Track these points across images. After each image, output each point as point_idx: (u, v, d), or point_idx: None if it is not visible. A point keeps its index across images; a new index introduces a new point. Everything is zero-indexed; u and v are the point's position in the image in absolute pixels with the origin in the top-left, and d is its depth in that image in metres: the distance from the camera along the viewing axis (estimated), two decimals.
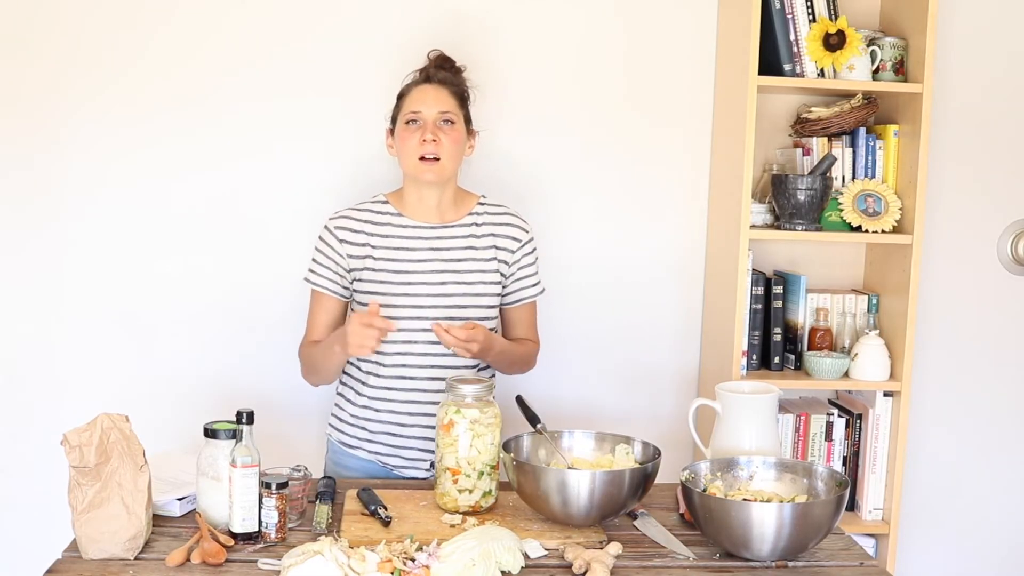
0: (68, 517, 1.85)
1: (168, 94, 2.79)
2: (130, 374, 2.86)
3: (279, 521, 1.91)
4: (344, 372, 2.46)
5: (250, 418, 1.91)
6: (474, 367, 2.40)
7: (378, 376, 2.38)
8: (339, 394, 2.49)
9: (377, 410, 2.40)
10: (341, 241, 2.38)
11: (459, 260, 2.39)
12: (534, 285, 2.49)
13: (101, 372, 2.86)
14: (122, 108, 2.79)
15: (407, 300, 2.35)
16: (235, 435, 1.91)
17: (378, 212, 2.41)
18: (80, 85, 2.77)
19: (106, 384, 2.86)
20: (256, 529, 1.91)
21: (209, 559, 1.81)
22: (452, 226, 2.41)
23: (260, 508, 1.91)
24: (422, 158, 2.32)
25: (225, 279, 2.86)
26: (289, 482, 1.94)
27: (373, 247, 2.38)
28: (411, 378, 2.36)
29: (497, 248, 2.43)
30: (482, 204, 2.46)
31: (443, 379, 2.20)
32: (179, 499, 2.03)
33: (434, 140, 2.32)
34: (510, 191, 2.82)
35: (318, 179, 2.85)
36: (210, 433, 1.94)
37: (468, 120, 2.43)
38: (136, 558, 1.84)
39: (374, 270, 2.36)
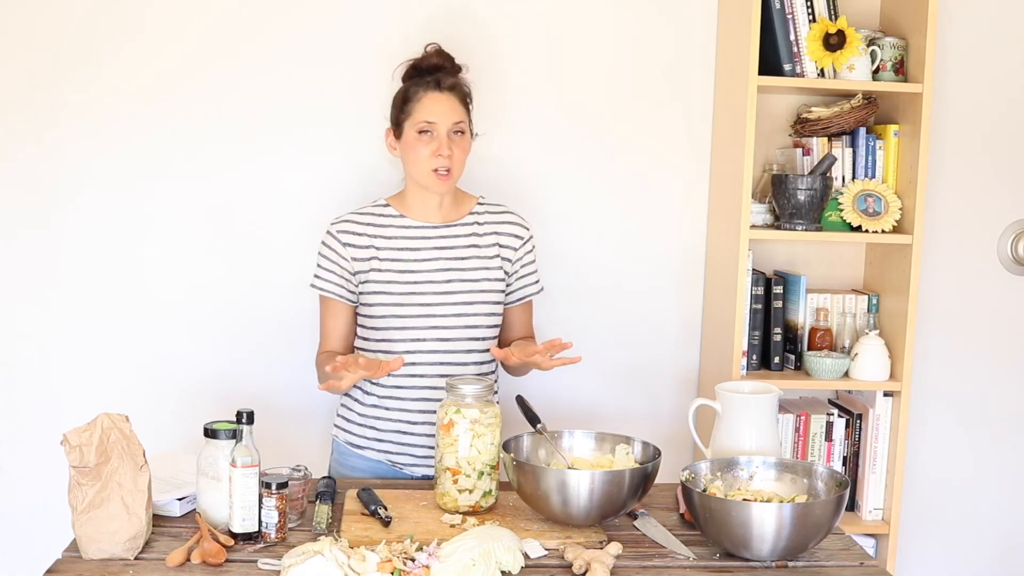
0: (68, 517, 1.85)
1: (169, 93, 2.79)
2: (130, 374, 2.86)
3: (279, 521, 1.91)
4: None
5: (250, 418, 1.92)
6: (482, 364, 2.40)
7: (388, 375, 2.38)
8: (345, 394, 2.48)
9: (387, 408, 2.40)
10: (345, 244, 2.38)
11: (463, 258, 2.40)
12: (535, 283, 2.50)
13: (101, 372, 2.86)
14: (122, 108, 2.79)
15: (414, 299, 2.36)
16: (235, 435, 1.91)
17: (380, 215, 2.42)
18: (81, 84, 2.77)
19: (106, 384, 2.86)
20: (256, 529, 1.91)
21: (209, 559, 1.81)
22: (454, 225, 2.42)
23: (260, 508, 1.91)
24: (435, 170, 2.32)
25: (226, 279, 2.86)
26: (289, 482, 1.94)
27: (378, 248, 2.38)
28: (420, 375, 2.37)
29: (500, 246, 2.43)
30: (482, 204, 2.47)
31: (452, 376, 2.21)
32: (179, 499, 2.03)
33: (449, 155, 2.31)
34: (510, 191, 2.82)
35: (319, 180, 2.85)
36: (210, 433, 1.94)
37: (471, 120, 2.42)
38: (136, 558, 1.84)
39: (380, 271, 2.37)
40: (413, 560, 1.78)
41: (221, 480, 1.93)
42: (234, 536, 1.90)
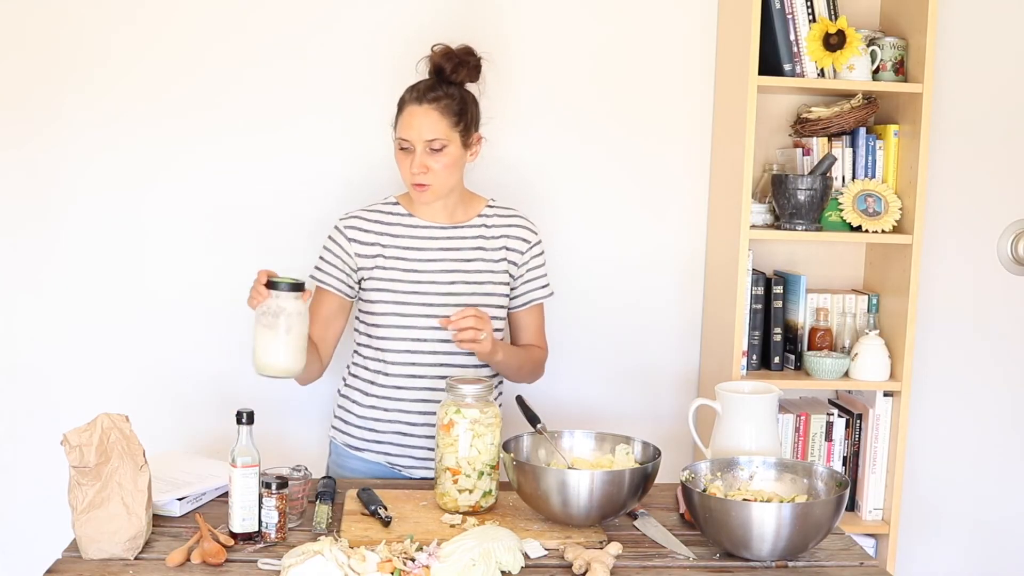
0: (68, 517, 1.85)
1: (168, 92, 2.79)
2: (130, 374, 2.86)
3: (279, 521, 1.91)
4: (349, 374, 2.46)
5: (250, 418, 1.92)
6: (483, 364, 2.39)
7: (386, 375, 2.38)
8: (343, 396, 2.48)
9: (386, 410, 2.40)
10: (350, 240, 2.37)
11: (469, 260, 2.39)
12: (543, 287, 2.50)
13: (101, 372, 2.86)
14: (121, 107, 2.79)
15: (417, 299, 2.35)
16: (296, 287, 2.03)
17: (388, 213, 2.41)
18: (79, 83, 2.77)
19: (106, 384, 2.86)
20: (256, 529, 1.91)
21: (209, 559, 1.81)
22: (462, 226, 2.41)
23: (260, 508, 1.91)
24: (414, 184, 2.32)
25: (226, 278, 2.86)
26: (289, 482, 1.95)
27: (383, 246, 2.38)
28: (420, 376, 2.36)
29: (508, 249, 2.43)
30: (491, 206, 2.46)
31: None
32: (179, 499, 2.03)
33: (423, 171, 2.29)
34: (510, 191, 2.82)
35: (319, 180, 2.85)
36: (272, 285, 2.04)
37: (468, 128, 2.35)
38: (136, 558, 1.84)
39: (384, 268, 2.36)
40: (413, 560, 1.78)
41: (276, 329, 2.03)
42: (234, 536, 1.90)
